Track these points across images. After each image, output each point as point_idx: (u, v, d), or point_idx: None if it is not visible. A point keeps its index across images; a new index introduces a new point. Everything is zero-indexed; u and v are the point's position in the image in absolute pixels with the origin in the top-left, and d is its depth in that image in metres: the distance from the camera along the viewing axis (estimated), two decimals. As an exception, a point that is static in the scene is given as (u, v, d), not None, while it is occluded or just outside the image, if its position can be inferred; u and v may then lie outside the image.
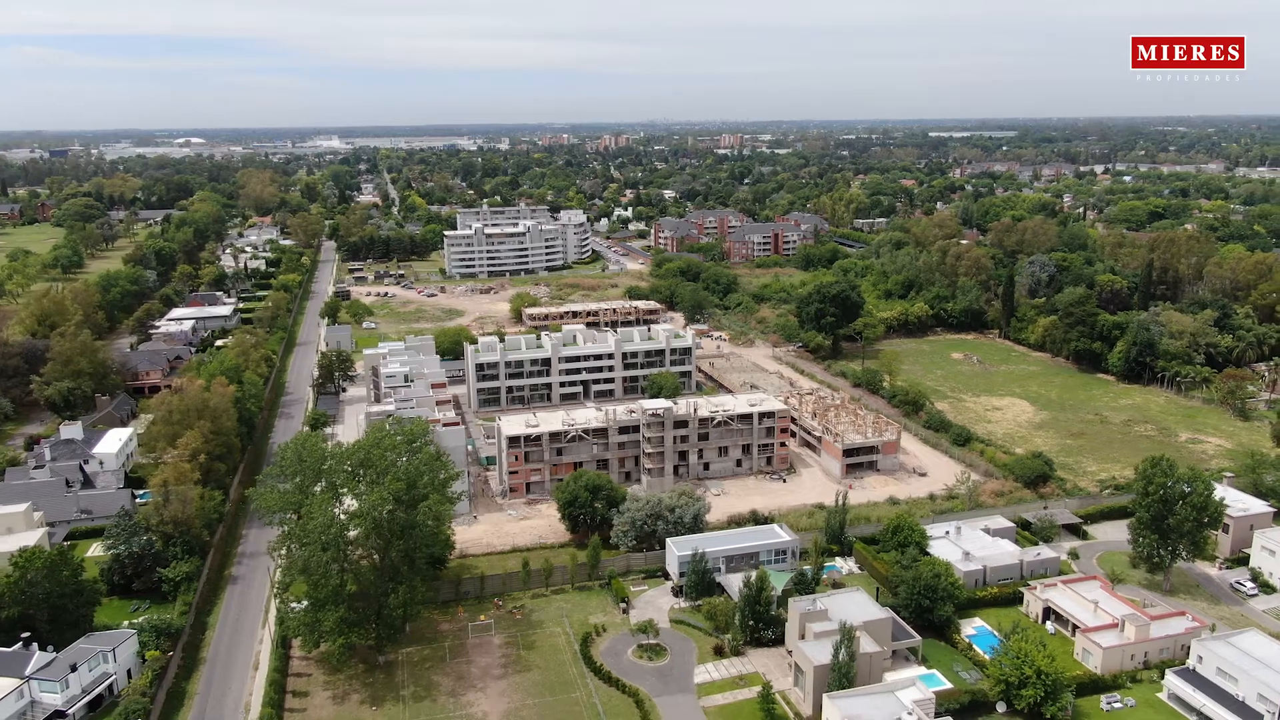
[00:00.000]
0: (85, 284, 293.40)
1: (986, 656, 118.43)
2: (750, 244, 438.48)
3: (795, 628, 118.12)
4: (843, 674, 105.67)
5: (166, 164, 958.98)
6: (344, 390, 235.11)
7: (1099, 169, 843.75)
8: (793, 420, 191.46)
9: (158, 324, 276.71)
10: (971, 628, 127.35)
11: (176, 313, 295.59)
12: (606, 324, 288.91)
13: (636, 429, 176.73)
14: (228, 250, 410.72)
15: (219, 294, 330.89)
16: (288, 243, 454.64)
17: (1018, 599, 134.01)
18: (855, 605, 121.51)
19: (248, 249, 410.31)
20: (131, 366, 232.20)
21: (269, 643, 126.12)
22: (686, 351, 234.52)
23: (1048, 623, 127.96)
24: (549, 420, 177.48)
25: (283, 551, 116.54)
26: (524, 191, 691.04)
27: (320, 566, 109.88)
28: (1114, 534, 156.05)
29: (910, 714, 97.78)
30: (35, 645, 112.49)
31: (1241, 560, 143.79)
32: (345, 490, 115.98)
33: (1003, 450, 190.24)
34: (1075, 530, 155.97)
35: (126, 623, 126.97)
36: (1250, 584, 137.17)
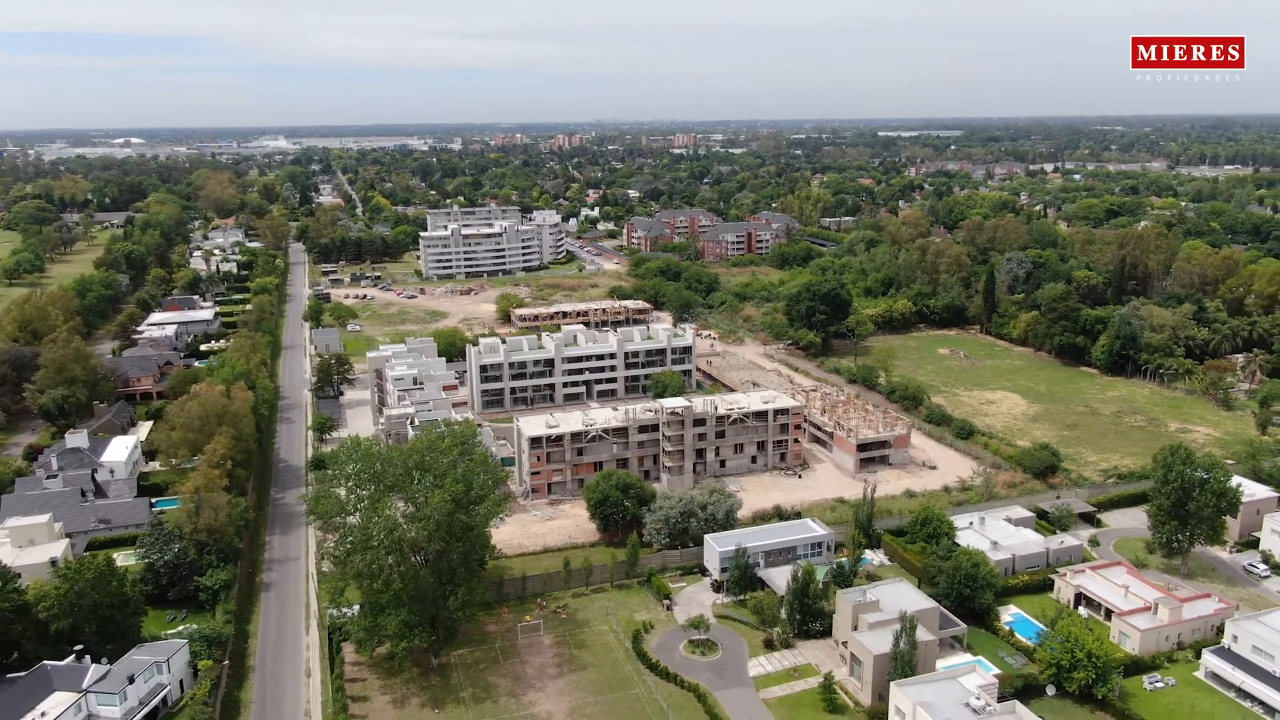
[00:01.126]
0: (60, 289, 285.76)
1: (1030, 642, 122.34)
2: (724, 243, 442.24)
3: (847, 619, 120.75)
4: (906, 662, 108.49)
5: (112, 165, 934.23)
6: (342, 394, 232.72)
7: (1049, 167, 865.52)
8: (804, 417, 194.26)
9: (140, 329, 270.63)
10: (1008, 614, 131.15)
11: (156, 317, 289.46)
12: (597, 324, 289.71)
13: (656, 428, 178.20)
14: (197, 253, 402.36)
15: (195, 298, 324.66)
16: (255, 245, 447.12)
17: (1047, 586, 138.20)
18: (901, 596, 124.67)
19: (216, 252, 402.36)
20: (121, 373, 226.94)
21: (316, 648, 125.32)
22: (687, 350, 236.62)
23: (1080, 608, 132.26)
24: (568, 420, 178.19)
25: (336, 556, 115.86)
26: (487, 192, 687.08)
27: (384, 570, 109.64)
28: (1125, 521, 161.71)
29: (978, 698, 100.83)
30: (88, 658, 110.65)
31: (1250, 544, 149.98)
32: (403, 494, 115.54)
33: (1005, 443, 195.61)
34: (1089, 518, 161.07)
35: (165, 633, 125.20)
36: (1263, 566, 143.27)
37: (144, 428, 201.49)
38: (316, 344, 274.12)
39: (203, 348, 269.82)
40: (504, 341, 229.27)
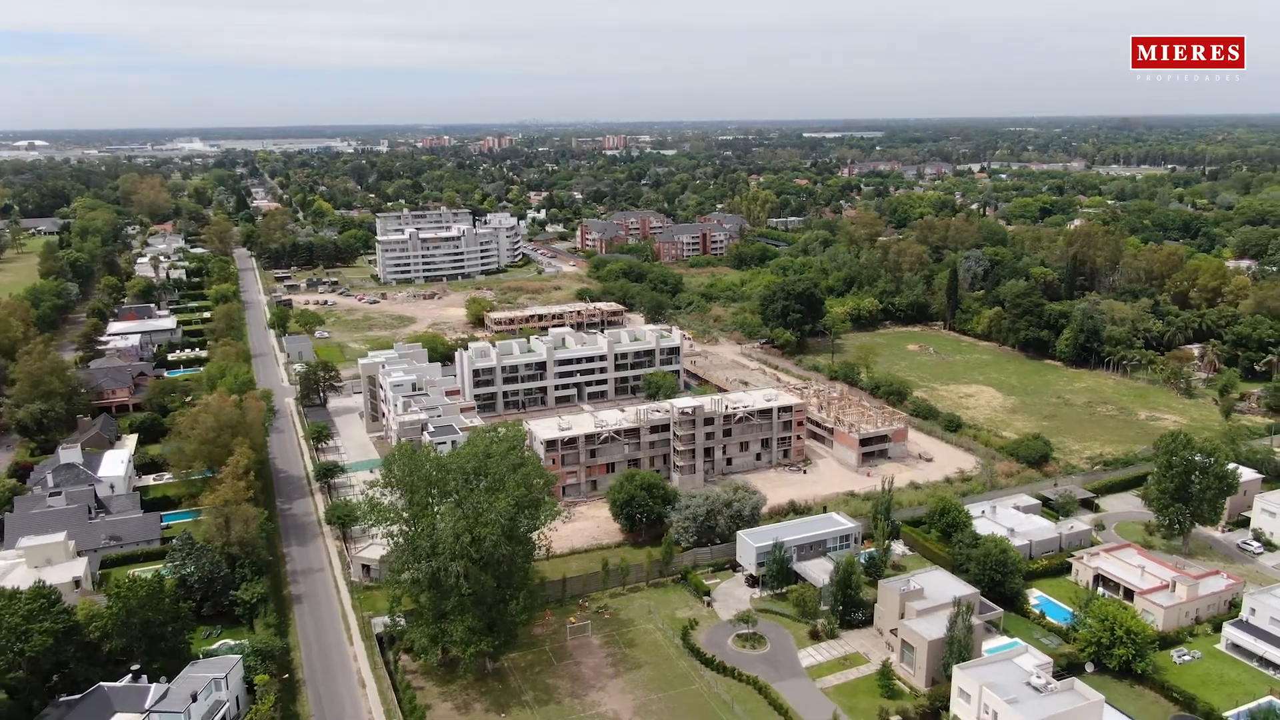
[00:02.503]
0: (12, 298, 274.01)
1: (1061, 624, 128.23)
2: (680, 244, 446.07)
3: (893, 608, 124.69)
4: (963, 646, 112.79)
5: (24, 168, 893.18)
6: (326, 401, 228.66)
7: (975, 168, 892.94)
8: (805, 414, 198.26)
9: (105, 340, 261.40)
10: (1033, 598, 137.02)
11: (116, 327, 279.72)
12: (573, 326, 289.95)
13: (666, 428, 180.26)
14: (142, 260, 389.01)
15: (151, 306, 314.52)
16: (198, 251, 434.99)
17: (1062, 570, 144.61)
18: (939, 583, 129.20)
19: (163, 258, 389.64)
20: (95, 385, 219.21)
21: (365, 658, 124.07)
22: (674, 351, 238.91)
23: (1098, 589, 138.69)
24: (580, 422, 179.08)
25: (395, 564, 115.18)
26: (428, 195, 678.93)
27: (450, 577, 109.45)
28: (1120, 505, 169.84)
29: (1039, 677, 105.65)
30: (144, 677, 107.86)
31: (1241, 523, 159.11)
32: (462, 500, 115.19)
33: (992, 434, 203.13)
34: (1087, 504, 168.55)
35: (201, 650, 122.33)
36: (1256, 543, 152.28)
37: (129, 441, 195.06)
38: (289, 351, 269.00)
39: (170, 357, 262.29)
40: (494, 345, 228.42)
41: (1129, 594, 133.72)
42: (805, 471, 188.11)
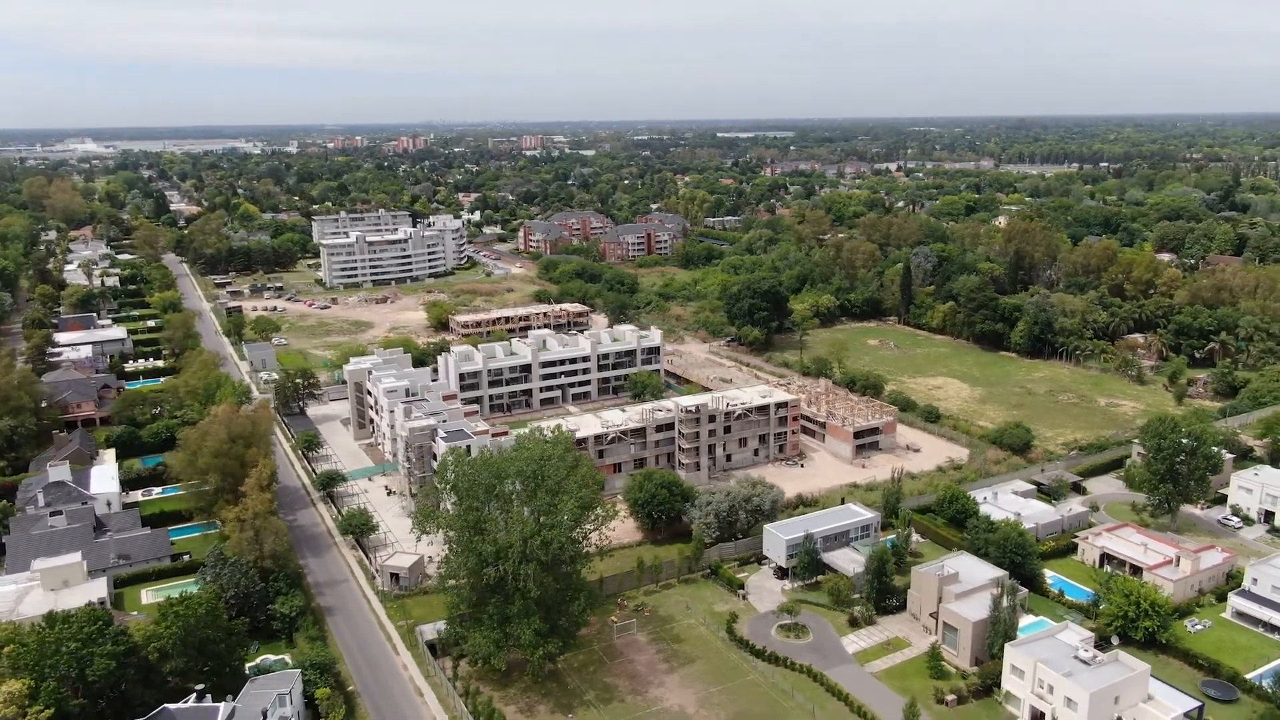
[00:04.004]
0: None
1: (1082, 601, 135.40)
2: (625, 244, 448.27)
3: (930, 593, 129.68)
4: (1009, 625, 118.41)
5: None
6: (305, 409, 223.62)
7: (891, 166, 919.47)
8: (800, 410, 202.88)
9: (58, 352, 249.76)
10: (1048, 577, 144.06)
11: (63, 338, 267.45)
12: (541, 328, 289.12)
13: (670, 426, 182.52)
14: (69, 268, 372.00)
15: (93, 315, 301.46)
16: (126, 257, 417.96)
17: (1069, 550, 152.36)
18: (967, 567, 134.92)
19: (93, 265, 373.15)
20: (61, 399, 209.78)
21: (414, 667, 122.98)
22: (654, 351, 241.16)
23: (1104, 567, 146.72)
24: (586, 423, 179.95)
25: (457, 570, 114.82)
26: (355, 197, 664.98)
27: (520, 580, 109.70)
28: (1104, 488, 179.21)
29: (1086, 650, 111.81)
30: (209, 697, 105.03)
31: (1218, 500, 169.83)
32: (526, 502, 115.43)
33: (970, 424, 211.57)
34: (1075, 488, 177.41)
35: (248, 666, 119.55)
36: (1235, 519, 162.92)
37: (108, 455, 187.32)
38: (251, 360, 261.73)
39: (127, 368, 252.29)
40: (478, 348, 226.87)
41: (1135, 570, 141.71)
42: (802, 466, 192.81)
